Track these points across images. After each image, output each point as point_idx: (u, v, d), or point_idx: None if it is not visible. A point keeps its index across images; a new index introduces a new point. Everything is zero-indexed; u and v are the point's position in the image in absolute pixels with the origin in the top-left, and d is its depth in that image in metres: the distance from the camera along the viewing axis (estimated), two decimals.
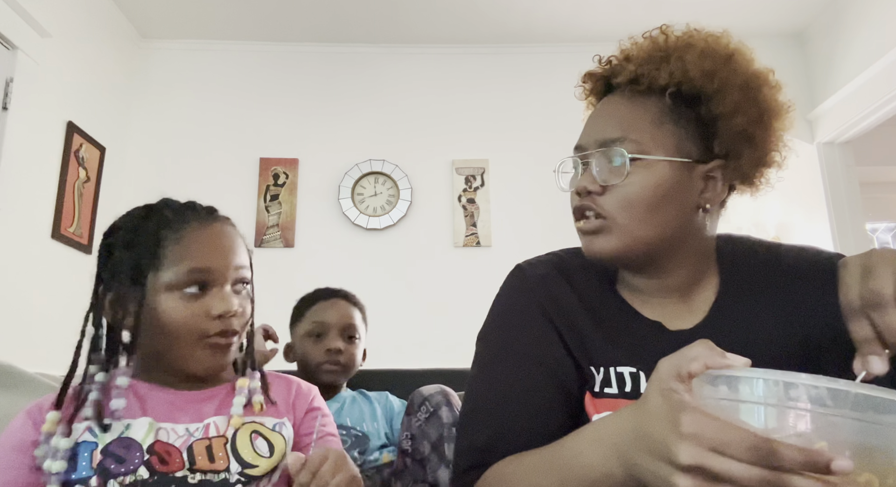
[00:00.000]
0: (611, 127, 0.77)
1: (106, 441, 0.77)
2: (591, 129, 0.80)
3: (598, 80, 0.86)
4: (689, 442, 0.44)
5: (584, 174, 0.77)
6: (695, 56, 0.75)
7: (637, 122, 0.76)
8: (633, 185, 0.73)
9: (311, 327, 1.48)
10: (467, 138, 3.11)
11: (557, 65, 3.17)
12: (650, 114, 0.76)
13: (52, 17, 2.35)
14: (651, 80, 0.76)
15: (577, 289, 0.81)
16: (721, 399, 0.46)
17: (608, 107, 0.80)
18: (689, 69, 0.74)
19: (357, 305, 1.56)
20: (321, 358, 1.45)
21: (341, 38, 3.13)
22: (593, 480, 0.57)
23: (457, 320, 2.84)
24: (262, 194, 2.97)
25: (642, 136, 0.75)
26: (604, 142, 0.76)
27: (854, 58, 2.75)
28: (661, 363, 0.52)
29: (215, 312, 0.82)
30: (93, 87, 2.69)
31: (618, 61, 0.82)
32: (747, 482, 0.41)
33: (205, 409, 0.83)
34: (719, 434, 0.43)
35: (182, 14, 2.92)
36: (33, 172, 2.28)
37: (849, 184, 2.91)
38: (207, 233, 0.86)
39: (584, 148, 0.79)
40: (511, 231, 2.99)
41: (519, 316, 0.80)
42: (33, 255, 2.27)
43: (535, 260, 0.87)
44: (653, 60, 0.77)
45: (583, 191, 0.76)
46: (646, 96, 0.77)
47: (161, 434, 0.79)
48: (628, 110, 0.78)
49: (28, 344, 2.13)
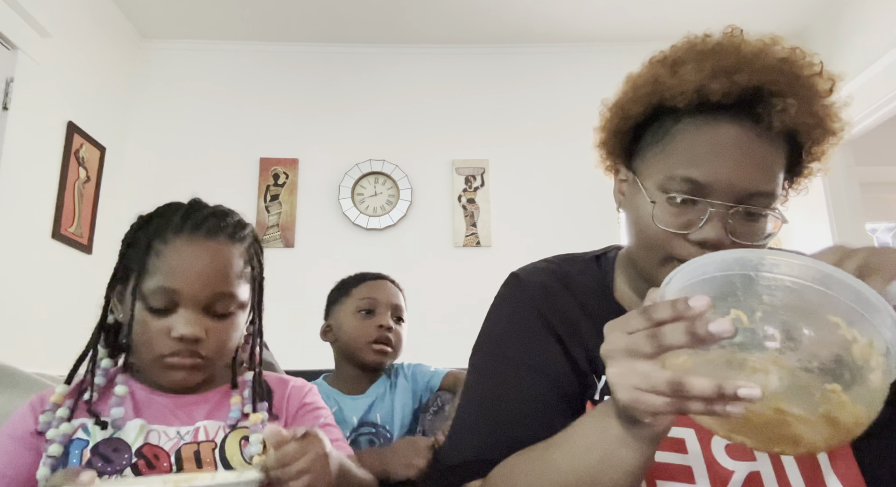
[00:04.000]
0: (763, 177, 0.68)
1: (97, 441, 0.77)
2: (731, 173, 0.67)
3: (697, 92, 0.69)
4: (605, 340, 0.53)
5: (713, 224, 0.68)
6: (805, 87, 0.69)
7: (778, 173, 0.70)
8: (762, 246, 0.70)
9: (361, 303, 1.42)
10: (467, 138, 3.11)
11: (557, 65, 3.17)
12: (783, 161, 0.70)
13: (52, 17, 2.35)
14: (789, 123, 0.68)
15: (577, 297, 0.80)
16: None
17: (750, 147, 0.68)
18: (814, 110, 0.69)
19: (401, 289, 1.54)
20: (372, 334, 1.38)
21: (341, 38, 3.13)
22: (591, 443, 0.59)
23: (457, 320, 2.84)
24: (262, 194, 2.97)
25: (780, 183, 0.70)
26: (753, 195, 0.68)
27: (854, 58, 2.75)
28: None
29: (174, 334, 0.79)
30: (93, 87, 2.69)
31: (746, 83, 0.67)
32: (638, 342, 0.49)
33: (196, 413, 0.83)
34: (619, 321, 0.52)
35: (182, 14, 2.92)
36: (33, 172, 2.29)
37: (849, 184, 2.91)
38: (190, 251, 0.82)
39: (718, 193, 0.68)
40: (511, 231, 2.99)
41: (518, 325, 0.79)
42: (33, 255, 2.27)
43: (531, 267, 0.85)
44: (780, 92, 0.68)
45: (711, 245, 0.67)
46: (777, 137, 0.69)
47: (152, 436, 0.79)
48: (772, 156, 0.69)
49: (28, 344, 2.13)
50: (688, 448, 0.70)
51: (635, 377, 0.49)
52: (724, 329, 0.44)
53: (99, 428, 0.78)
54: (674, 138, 0.72)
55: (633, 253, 0.78)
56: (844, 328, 0.45)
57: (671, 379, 0.47)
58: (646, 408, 0.50)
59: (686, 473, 0.69)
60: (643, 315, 0.50)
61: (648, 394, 0.49)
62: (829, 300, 0.46)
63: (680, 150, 0.71)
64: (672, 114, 0.72)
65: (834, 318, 0.45)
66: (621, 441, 0.56)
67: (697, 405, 0.46)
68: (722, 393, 0.44)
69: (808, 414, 0.45)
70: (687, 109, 0.71)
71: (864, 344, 0.45)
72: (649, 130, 0.76)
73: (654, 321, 0.49)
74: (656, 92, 0.72)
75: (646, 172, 0.75)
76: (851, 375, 0.45)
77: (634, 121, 0.77)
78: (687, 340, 0.46)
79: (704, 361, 0.47)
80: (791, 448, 0.49)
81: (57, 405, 0.79)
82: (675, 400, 0.47)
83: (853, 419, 0.45)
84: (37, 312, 2.23)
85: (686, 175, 0.69)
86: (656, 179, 0.72)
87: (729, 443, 0.69)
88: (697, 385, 0.45)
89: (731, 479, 0.68)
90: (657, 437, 0.56)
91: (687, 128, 0.71)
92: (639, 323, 0.50)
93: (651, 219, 0.71)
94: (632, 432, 0.55)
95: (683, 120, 0.71)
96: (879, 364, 0.45)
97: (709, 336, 0.45)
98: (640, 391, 0.49)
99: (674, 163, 0.71)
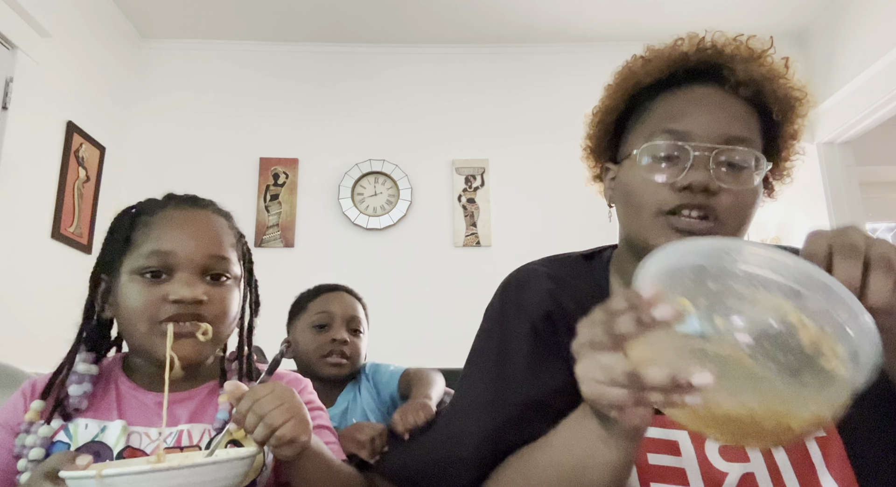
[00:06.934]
0: (737, 124, 0.72)
1: (78, 444, 0.75)
2: (708, 120, 0.72)
3: (672, 61, 0.75)
4: (577, 337, 0.53)
5: (698, 169, 0.70)
6: (769, 64, 0.73)
7: (754, 126, 0.73)
8: (751, 193, 0.71)
9: (315, 318, 1.43)
10: (467, 138, 3.11)
11: (558, 65, 3.17)
12: (755, 119, 0.74)
13: (52, 17, 2.34)
14: (753, 83, 0.72)
15: (577, 301, 0.78)
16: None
17: (723, 101, 0.73)
18: (772, 73, 0.73)
19: (360, 300, 1.53)
20: (325, 349, 1.39)
21: (341, 38, 3.12)
22: (572, 441, 0.60)
23: (457, 320, 2.84)
24: (262, 194, 2.97)
25: (758, 142, 0.73)
26: (730, 139, 0.71)
27: (854, 58, 2.75)
28: None
29: (172, 297, 0.75)
30: (93, 87, 2.69)
31: (712, 50, 0.74)
32: (597, 334, 0.50)
33: (179, 412, 0.80)
34: (587, 318, 0.53)
35: (182, 14, 2.92)
36: (33, 172, 2.28)
37: (849, 184, 2.91)
38: (179, 216, 0.81)
39: (698, 138, 0.71)
40: (511, 231, 2.99)
41: (515, 334, 0.77)
42: (33, 255, 2.27)
43: (529, 269, 0.83)
44: (742, 59, 0.73)
45: (698, 188, 0.69)
46: (746, 99, 0.74)
47: (133, 438, 0.76)
48: (745, 111, 0.74)
49: (27, 344, 2.13)
50: (681, 450, 0.69)
51: (597, 370, 0.50)
52: (667, 314, 0.45)
53: (81, 430, 0.76)
54: (652, 110, 0.76)
55: (626, 228, 0.78)
56: (792, 312, 0.45)
57: (628, 371, 0.47)
58: (607, 401, 0.50)
59: (680, 475, 0.68)
60: (603, 308, 0.51)
61: (609, 387, 0.49)
62: (792, 293, 0.45)
63: (658, 113, 0.75)
64: (649, 95, 0.77)
65: (788, 306, 0.45)
66: (600, 439, 0.57)
67: (656, 395, 0.46)
68: (676, 381, 0.44)
69: (765, 407, 0.45)
70: (661, 85, 0.76)
71: (816, 330, 0.45)
72: (631, 118, 0.80)
73: (611, 312, 0.49)
74: (632, 77, 0.77)
75: (630, 148, 0.77)
76: (808, 368, 0.44)
77: (616, 112, 0.80)
78: (634, 327, 0.47)
79: (665, 352, 0.47)
80: (758, 442, 0.50)
81: (31, 422, 0.75)
82: (634, 391, 0.47)
83: (812, 412, 0.45)
84: (36, 312, 2.23)
85: (666, 127, 0.73)
86: (639, 145, 0.75)
87: (722, 445, 0.69)
88: (652, 374, 0.46)
89: (724, 481, 0.67)
90: (635, 433, 0.56)
91: (663, 97, 0.76)
92: (599, 317, 0.51)
93: (638, 177, 0.74)
94: (608, 429, 0.56)
95: (659, 94, 0.76)
96: (836, 353, 0.45)
97: (653, 322, 0.46)
98: (601, 384, 0.50)
99: (654, 124, 0.75)
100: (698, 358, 0.45)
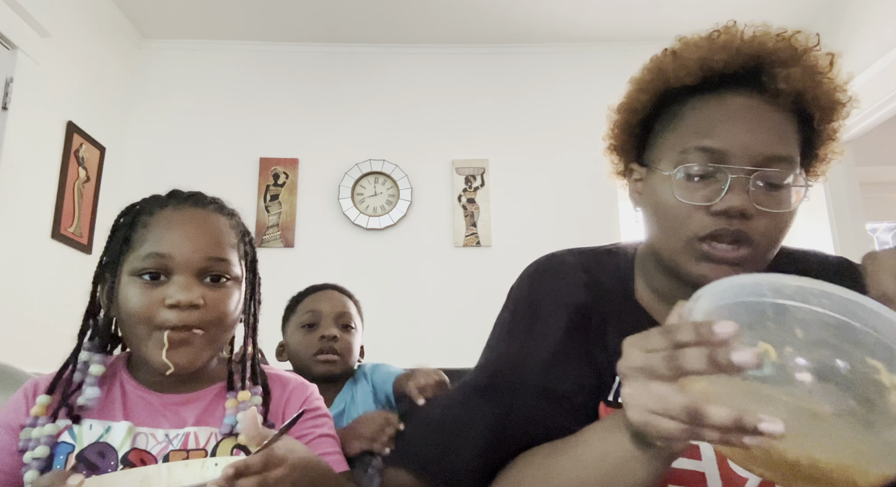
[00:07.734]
0: (777, 142, 0.67)
1: (83, 445, 0.75)
2: (747, 139, 0.66)
3: (706, 68, 0.70)
4: (623, 356, 0.51)
5: (735, 192, 0.65)
6: (805, 58, 0.68)
7: (793, 138, 0.69)
8: (788, 216, 0.67)
9: (304, 317, 1.42)
10: (467, 138, 3.11)
11: (558, 65, 3.17)
12: (794, 129, 0.69)
13: (52, 17, 2.34)
14: (795, 91, 0.67)
15: (607, 298, 0.77)
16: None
17: (761, 114, 0.68)
18: (815, 78, 0.68)
19: (350, 297, 1.52)
20: (315, 347, 1.38)
21: (341, 38, 3.12)
22: (602, 453, 0.59)
23: (457, 320, 2.84)
24: (262, 194, 2.97)
25: (797, 154, 0.69)
26: (770, 159, 0.66)
27: (854, 57, 2.74)
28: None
29: (169, 301, 0.74)
30: (93, 87, 2.69)
31: (749, 50, 0.69)
32: (656, 363, 0.47)
33: (186, 413, 0.79)
34: (639, 338, 0.50)
35: (182, 14, 2.92)
36: (33, 172, 2.28)
37: (849, 184, 2.90)
38: (177, 217, 0.80)
39: (735, 158, 0.66)
40: (511, 231, 2.99)
41: (545, 322, 0.77)
42: (33, 255, 2.27)
43: (561, 259, 0.82)
44: (782, 62, 0.68)
45: (735, 214, 0.65)
46: (786, 108, 0.69)
47: (139, 440, 0.76)
48: (784, 122, 0.68)
49: (27, 344, 2.13)
50: (702, 454, 0.69)
51: (650, 399, 0.48)
52: (748, 360, 0.42)
53: (85, 430, 0.75)
54: (683, 117, 0.72)
55: (655, 244, 0.75)
56: (884, 373, 0.42)
57: (688, 406, 0.45)
58: (658, 432, 0.48)
59: (699, 479, 0.68)
60: (664, 334, 0.47)
61: (662, 418, 0.47)
62: (870, 340, 0.42)
63: (690, 125, 0.70)
64: (678, 98, 0.72)
65: (873, 362, 0.42)
66: (632, 456, 0.55)
67: (713, 434, 0.44)
68: (741, 424, 0.42)
69: (834, 460, 0.42)
70: (692, 89, 0.71)
71: None
72: (658, 120, 0.76)
73: (674, 342, 0.46)
74: (660, 78, 0.73)
75: (660, 157, 0.73)
76: (886, 425, 0.41)
77: (643, 113, 0.76)
78: (707, 367, 0.44)
79: (726, 389, 0.44)
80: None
81: (37, 417, 0.76)
82: (690, 427, 0.45)
83: (883, 470, 0.41)
84: (36, 312, 2.23)
85: (700, 144, 0.68)
86: (671, 158, 0.71)
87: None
88: (716, 414, 0.43)
89: (744, 486, 0.67)
90: (670, 457, 0.55)
91: (694, 104, 0.71)
92: (659, 343, 0.47)
93: (671, 196, 0.69)
94: (643, 450, 0.54)
95: (690, 100, 0.71)
96: None
97: (730, 366, 0.42)
98: (653, 414, 0.48)
99: (686, 138, 0.70)
100: (768, 403, 0.42)
